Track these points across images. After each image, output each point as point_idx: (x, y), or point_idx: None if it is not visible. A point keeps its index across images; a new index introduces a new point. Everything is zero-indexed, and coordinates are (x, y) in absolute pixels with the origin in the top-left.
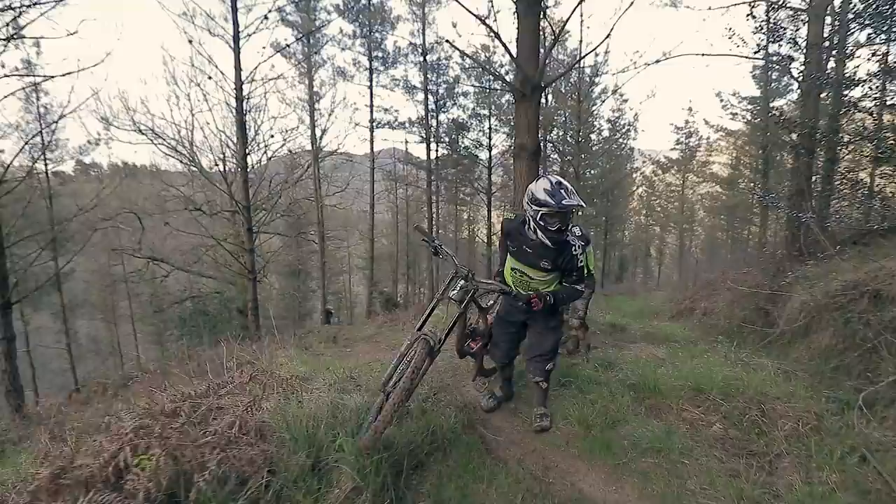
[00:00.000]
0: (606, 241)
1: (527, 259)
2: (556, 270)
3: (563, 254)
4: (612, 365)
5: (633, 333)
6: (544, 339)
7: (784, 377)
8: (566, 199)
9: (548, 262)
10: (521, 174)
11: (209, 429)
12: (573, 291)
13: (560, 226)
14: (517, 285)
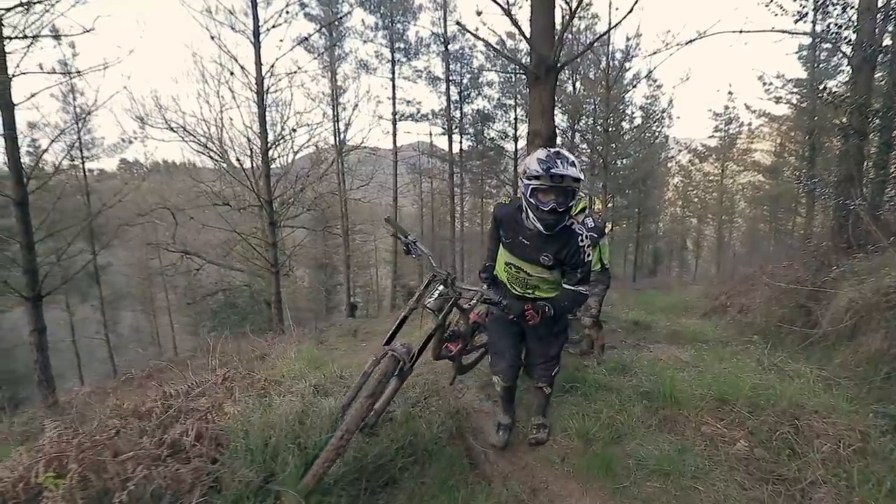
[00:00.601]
0: (639, 234)
1: (523, 253)
2: (560, 265)
3: (567, 245)
4: (627, 368)
5: (658, 332)
6: (549, 345)
7: (824, 386)
8: (558, 168)
9: (548, 257)
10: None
11: (165, 436)
12: (576, 297)
13: (555, 205)
14: (512, 283)
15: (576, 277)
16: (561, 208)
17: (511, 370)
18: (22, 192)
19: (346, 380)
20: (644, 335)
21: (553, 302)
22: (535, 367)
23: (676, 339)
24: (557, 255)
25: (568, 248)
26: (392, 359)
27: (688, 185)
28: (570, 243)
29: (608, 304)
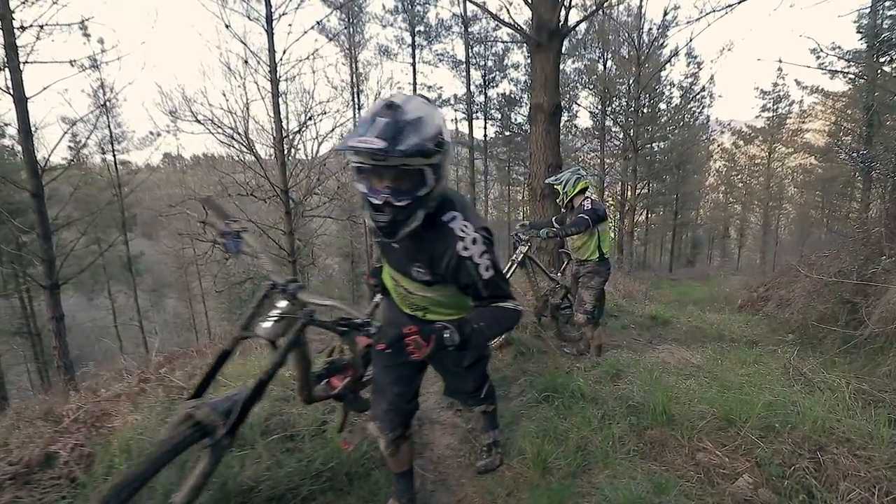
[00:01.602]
0: (676, 221)
1: (393, 260)
2: (444, 283)
3: (444, 254)
4: (621, 374)
5: (678, 329)
6: (461, 380)
7: (863, 404)
8: (359, 140)
9: (421, 269)
10: (537, 140)
11: None
12: (501, 315)
13: (389, 196)
14: (400, 302)
15: (482, 295)
16: (401, 201)
17: (392, 416)
18: (36, 184)
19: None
20: (660, 332)
21: (462, 325)
22: (454, 395)
23: (696, 338)
24: (434, 269)
25: (447, 260)
26: (192, 425)
27: (731, 170)
28: (447, 253)
29: (622, 296)
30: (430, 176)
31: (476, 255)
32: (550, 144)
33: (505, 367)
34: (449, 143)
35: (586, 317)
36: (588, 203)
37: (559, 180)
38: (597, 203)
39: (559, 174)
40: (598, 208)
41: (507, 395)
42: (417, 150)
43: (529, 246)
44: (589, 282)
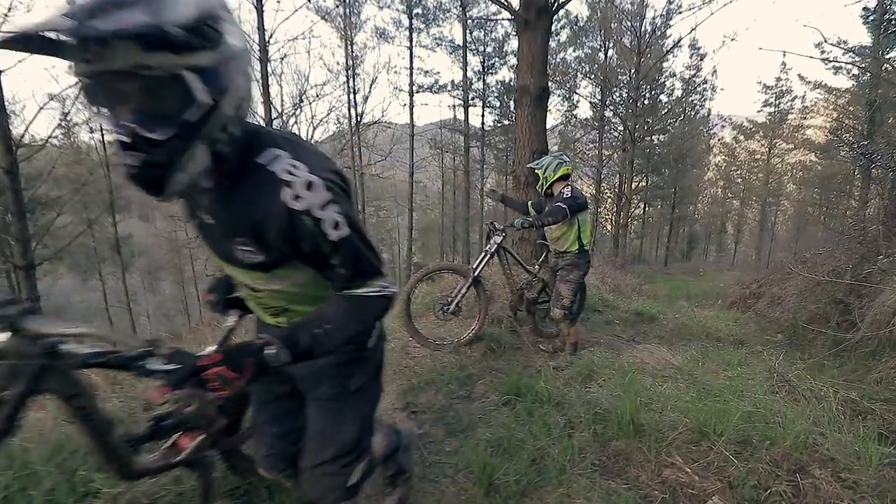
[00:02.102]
0: (674, 215)
1: (213, 243)
2: (289, 262)
3: (265, 216)
4: (594, 375)
5: (663, 326)
6: (334, 419)
7: (852, 415)
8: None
9: (248, 246)
10: (522, 124)
11: None
12: (353, 312)
13: (124, 121)
14: (255, 309)
15: (343, 276)
16: (153, 130)
17: (274, 461)
18: (10, 161)
19: None
20: (645, 329)
21: (294, 333)
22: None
23: (681, 336)
24: (262, 241)
25: (274, 221)
26: None
27: (730, 165)
28: (272, 209)
29: (610, 290)
30: (197, 87)
31: (315, 206)
32: (536, 129)
33: (472, 363)
34: (229, 37)
35: (563, 312)
36: (568, 190)
37: (540, 165)
38: (577, 191)
39: (541, 159)
40: (577, 196)
41: (469, 395)
42: (142, 34)
43: (504, 236)
44: (567, 275)
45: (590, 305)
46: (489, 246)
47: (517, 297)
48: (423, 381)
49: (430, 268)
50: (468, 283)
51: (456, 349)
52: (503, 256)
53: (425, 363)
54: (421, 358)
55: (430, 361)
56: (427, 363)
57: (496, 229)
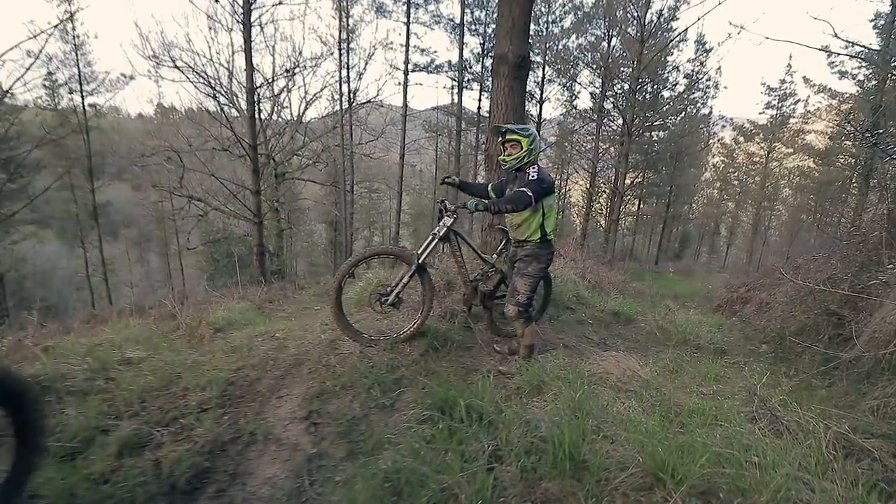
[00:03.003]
0: (668, 214)
1: None
2: None
3: None
4: (545, 387)
5: (639, 329)
6: None
7: (843, 457)
8: None
9: None
10: (498, 98)
11: None
12: None
13: None
14: None
15: None
16: None
17: None
18: None
19: None
20: (619, 331)
21: None
22: None
23: (657, 342)
24: None
25: None
26: None
27: (728, 166)
28: None
29: (589, 287)
30: None
31: None
32: (514, 104)
33: (408, 365)
34: None
35: (517, 309)
36: (535, 172)
37: (527, 132)
38: (544, 172)
39: (526, 126)
40: (544, 179)
41: (392, 404)
42: None
43: (455, 218)
44: (525, 267)
45: (561, 302)
46: (438, 229)
47: (471, 289)
48: (340, 384)
49: (365, 252)
50: (411, 270)
51: (393, 346)
52: (454, 242)
53: (350, 362)
54: (348, 355)
55: (357, 360)
56: (353, 362)
57: (447, 210)
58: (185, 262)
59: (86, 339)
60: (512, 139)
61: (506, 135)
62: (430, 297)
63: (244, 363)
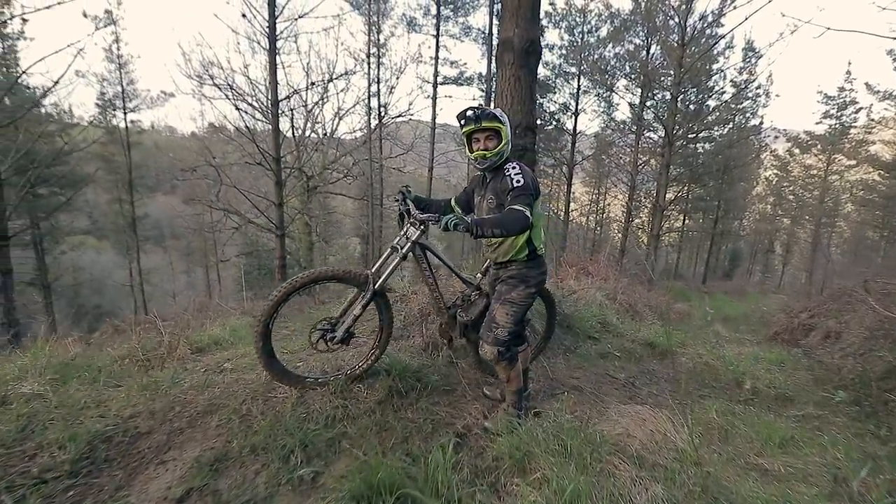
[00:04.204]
0: (716, 230)
1: None
2: None
3: None
4: (533, 462)
5: (679, 364)
6: None
7: None
8: None
9: None
10: (503, 90)
11: None
12: None
13: None
14: None
15: None
16: None
17: None
18: None
19: None
20: (652, 368)
21: None
22: None
23: (701, 383)
24: None
25: None
26: None
27: (783, 180)
28: None
29: (619, 311)
30: None
31: None
32: (520, 96)
33: (356, 416)
34: None
35: (496, 350)
36: (516, 173)
37: (504, 117)
38: (525, 170)
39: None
40: (529, 181)
41: (312, 480)
42: None
43: (423, 230)
44: (509, 292)
45: (582, 330)
46: (399, 241)
47: (448, 319)
48: (250, 446)
49: (300, 279)
50: (365, 297)
51: (343, 389)
52: (423, 260)
53: (279, 411)
54: (281, 401)
55: (290, 409)
56: (283, 412)
57: (412, 218)
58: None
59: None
60: (490, 128)
61: (481, 121)
62: (389, 326)
63: (144, 407)
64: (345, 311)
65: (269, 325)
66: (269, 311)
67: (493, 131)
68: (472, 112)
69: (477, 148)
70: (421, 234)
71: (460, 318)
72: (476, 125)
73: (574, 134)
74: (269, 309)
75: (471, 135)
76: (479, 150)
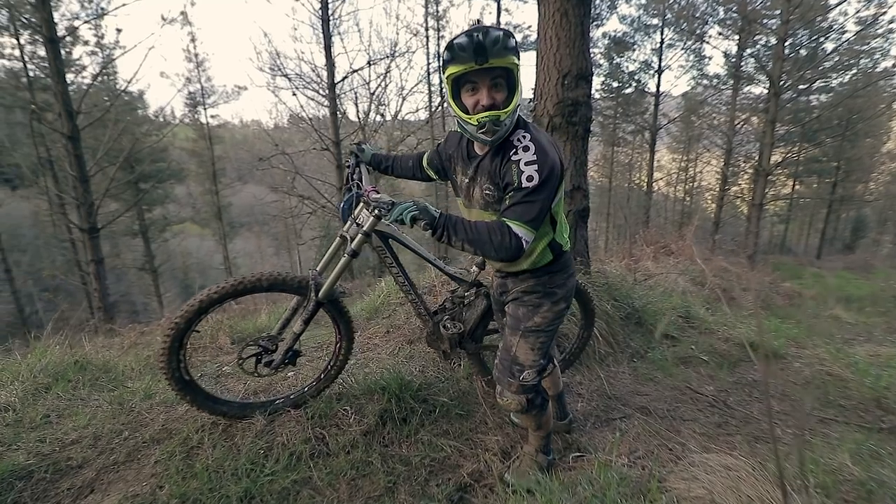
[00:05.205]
0: (834, 196)
1: None
2: None
3: None
4: None
5: (789, 372)
6: None
7: None
8: None
9: None
10: (546, 30)
11: None
12: None
13: None
14: None
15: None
16: None
17: None
18: (72, 126)
19: None
20: (754, 378)
21: None
22: None
23: (823, 402)
24: None
25: None
26: None
27: None
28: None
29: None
30: None
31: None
32: (569, 36)
33: (333, 454)
34: None
35: (522, 399)
36: (530, 159)
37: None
38: (546, 151)
39: None
40: (550, 176)
41: None
42: None
43: (381, 215)
44: (531, 316)
45: (657, 326)
46: (347, 229)
47: (433, 328)
48: (179, 494)
49: (213, 292)
50: (307, 308)
51: (324, 413)
52: (387, 253)
53: (239, 441)
54: (245, 426)
55: (250, 438)
56: (242, 442)
57: (367, 201)
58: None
59: None
60: (502, 66)
61: (488, 54)
62: (348, 339)
63: (95, 429)
64: (284, 324)
65: (182, 348)
66: (173, 335)
67: (505, 72)
68: (468, 38)
69: (478, 102)
70: (376, 220)
71: (447, 331)
72: (477, 62)
73: (657, 95)
74: (173, 332)
75: (462, 78)
76: (483, 106)
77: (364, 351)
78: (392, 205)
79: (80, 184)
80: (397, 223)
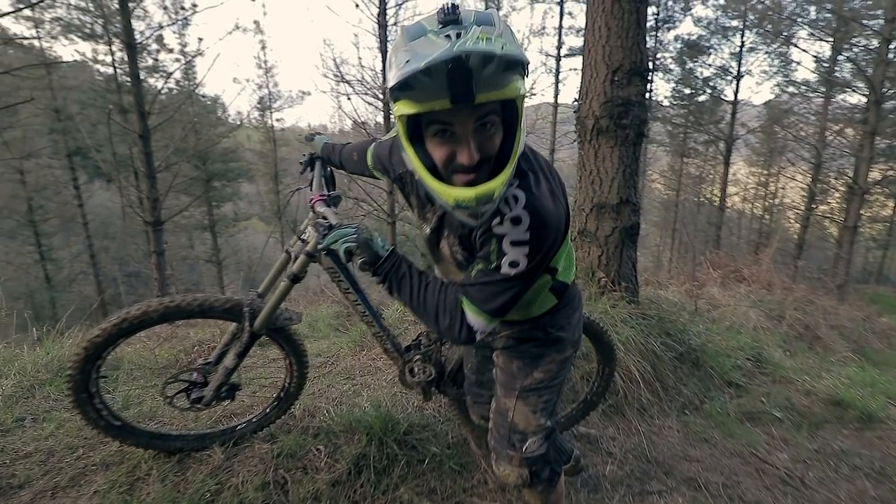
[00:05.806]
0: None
1: None
2: None
3: None
4: None
5: (890, 439)
6: None
7: None
8: None
9: None
10: (595, 18)
11: None
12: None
13: None
14: None
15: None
16: None
17: None
18: (143, 127)
19: None
20: (842, 446)
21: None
22: None
23: None
24: None
25: None
26: None
27: None
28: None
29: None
30: None
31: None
32: (621, 26)
33: None
34: None
35: (524, 473)
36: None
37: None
38: (546, 219)
39: None
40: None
41: None
42: None
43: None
44: (529, 371)
45: (718, 371)
46: (294, 243)
47: (404, 367)
48: None
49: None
50: (241, 340)
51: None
52: (339, 276)
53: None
54: (203, 458)
55: (203, 475)
56: (194, 478)
57: (315, 217)
58: None
59: None
60: (491, 101)
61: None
62: (300, 367)
63: (53, 442)
64: (222, 353)
65: (90, 383)
66: (79, 369)
67: (501, 105)
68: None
69: (453, 157)
70: (323, 237)
71: (413, 378)
72: (454, 99)
73: (735, 102)
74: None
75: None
76: (464, 166)
77: (363, 375)
78: (330, 228)
79: (148, 180)
80: (326, 253)
